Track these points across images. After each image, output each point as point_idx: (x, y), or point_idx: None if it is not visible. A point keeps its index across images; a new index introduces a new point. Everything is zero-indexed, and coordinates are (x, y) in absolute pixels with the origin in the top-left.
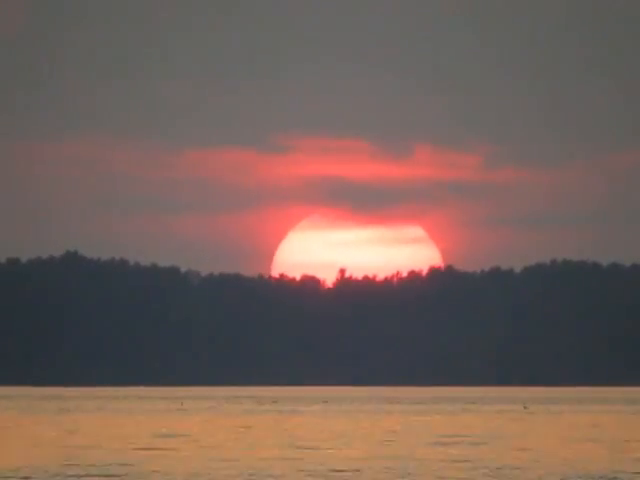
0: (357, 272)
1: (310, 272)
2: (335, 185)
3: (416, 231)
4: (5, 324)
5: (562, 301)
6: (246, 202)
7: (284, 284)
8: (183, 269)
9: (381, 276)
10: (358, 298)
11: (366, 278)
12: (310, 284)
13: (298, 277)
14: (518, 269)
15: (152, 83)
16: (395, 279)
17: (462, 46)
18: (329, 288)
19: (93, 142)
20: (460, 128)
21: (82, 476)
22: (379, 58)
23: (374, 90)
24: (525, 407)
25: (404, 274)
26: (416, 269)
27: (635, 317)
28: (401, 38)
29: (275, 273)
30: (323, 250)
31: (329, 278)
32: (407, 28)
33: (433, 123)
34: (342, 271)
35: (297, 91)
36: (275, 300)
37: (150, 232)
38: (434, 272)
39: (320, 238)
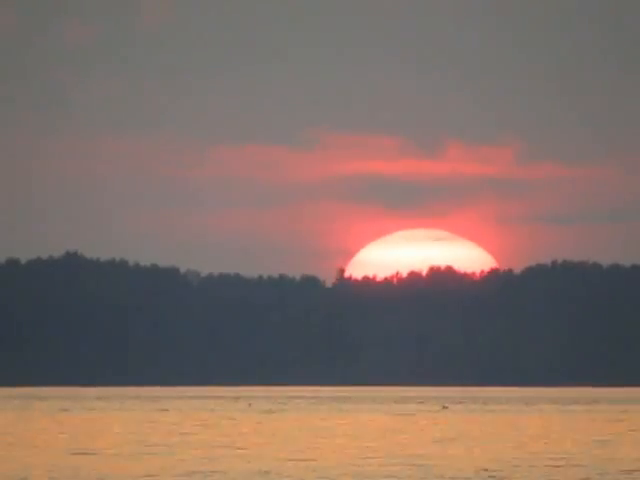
0: (393, 271)
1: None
2: (366, 182)
3: (444, 230)
4: (5, 325)
5: (562, 302)
6: (271, 199)
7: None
8: (182, 269)
9: (420, 273)
10: (355, 296)
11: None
12: (311, 283)
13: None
14: (518, 270)
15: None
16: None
17: (494, 43)
18: (328, 288)
19: (95, 141)
20: (491, 124)
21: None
22: (410, 55)
23: (405, 86)
24: (444, 407)
25: (458, 271)
26: (468, 267)
27: (635, 317)
28: (431, 36)
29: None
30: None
31: (328, 278)
32: (437, 26)
33: (464, 119)
34: (341, 271)
35: (328, 88)
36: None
37: (151, 232)
38: (488, 272)
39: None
